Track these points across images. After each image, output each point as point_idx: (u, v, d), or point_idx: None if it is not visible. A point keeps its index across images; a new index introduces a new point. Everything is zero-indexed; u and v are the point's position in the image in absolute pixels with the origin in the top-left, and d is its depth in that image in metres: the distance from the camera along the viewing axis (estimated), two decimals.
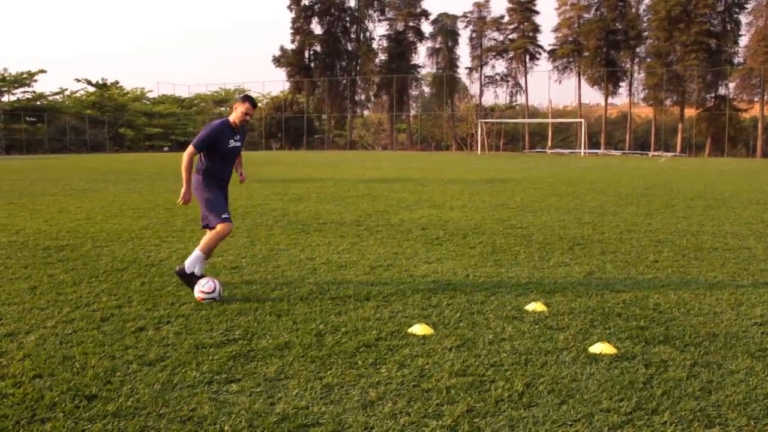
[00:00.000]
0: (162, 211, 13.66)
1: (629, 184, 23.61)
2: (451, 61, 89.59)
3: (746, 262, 8.89)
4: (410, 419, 3.94)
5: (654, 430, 3.86)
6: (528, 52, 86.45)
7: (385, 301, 6.59)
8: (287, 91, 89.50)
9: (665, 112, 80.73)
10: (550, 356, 5.05)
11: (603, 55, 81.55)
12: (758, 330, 5.83)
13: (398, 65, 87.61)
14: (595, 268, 8.36)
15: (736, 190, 21.50)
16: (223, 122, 7.02)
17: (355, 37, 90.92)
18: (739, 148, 78.53)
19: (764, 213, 14.69)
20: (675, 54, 77.64)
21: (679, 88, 77.76)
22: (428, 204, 15.54)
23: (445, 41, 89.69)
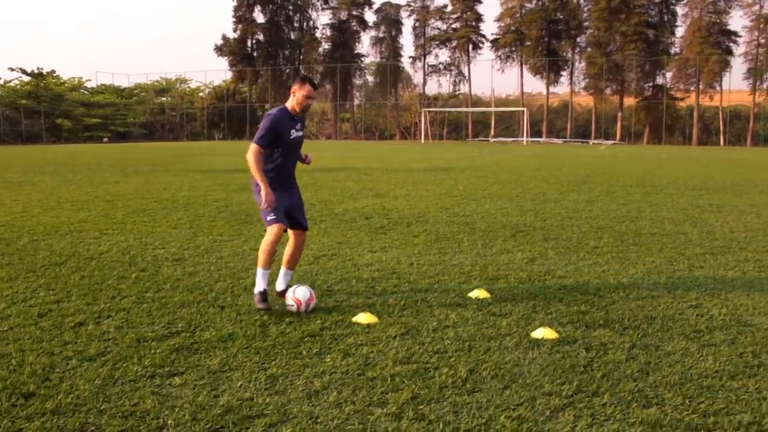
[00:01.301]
0: (102, 203, 13.40)
1: (570, 171, 23.99)
2: (394, 50, 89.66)
3: (682, 247, 9.12)
4: (355, 408, 3.95)
5: (594, 412, 3.94)
6: (471, 42, 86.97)
7: (330, 291, 6.59)
8: (230, 80, 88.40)
9: (605, 100, 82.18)
10: (493, 342, 5.12)
11: (544, 45, 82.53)
12: (693, 312, 5.99)
13: (342, 54, 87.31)
14: (537, 255, 8.48)
15: (673, 177, 22.02)
16: (281, 111, 6.11)
17: (298, 26, 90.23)
18: (676, 136, 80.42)
19: (699, 199, 15.08)
20: (615, 44, 79.01)
21: (619, 78, 79.21)
22: (372, 193, 15.56)
23: (388, 30, 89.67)
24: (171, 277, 7.07)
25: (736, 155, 43.60)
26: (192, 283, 6.87)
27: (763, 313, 6.01)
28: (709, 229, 10.68)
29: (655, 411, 3.96)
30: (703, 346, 5.11)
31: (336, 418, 3.81)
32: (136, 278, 7.03)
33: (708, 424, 3.80)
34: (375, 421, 3.78)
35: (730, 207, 13.67)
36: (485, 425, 3.75)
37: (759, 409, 4.01)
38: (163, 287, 6.66)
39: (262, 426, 3.71)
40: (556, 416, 3.88)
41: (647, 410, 3.97)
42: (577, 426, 3.76)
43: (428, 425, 3.74)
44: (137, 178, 19.66)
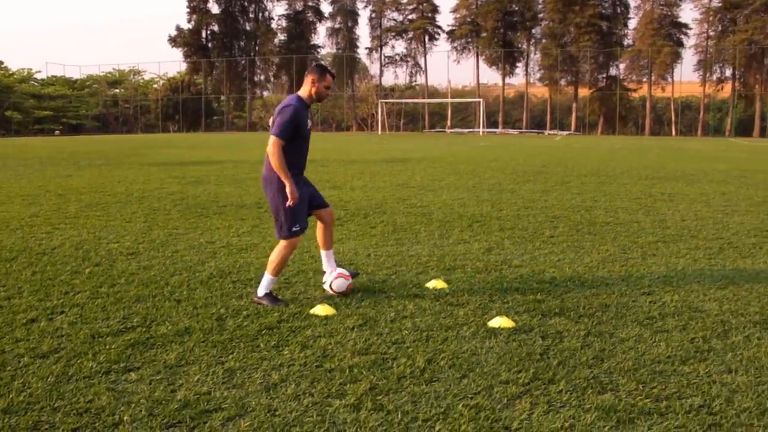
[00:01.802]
0: (54, 198, 13.15)
1: (526, 162, 24.20)
2: (350, 41, 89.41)
3: (636, 235, 9.28)
4: (313, 400, 3.95)
5: (550, 399, 3.99)
6: (427, 33, 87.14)
7: (287, 283, 6.56)
8: (184, 71, 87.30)
9: (560, 92, 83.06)
10: (450, 332, 5.15)
11: (500, 36, 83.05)
12: (646, 299, 6.10)
13: (298, 45, 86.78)
14: (494, 245, 8.55)
15: (626, 166, 22.36)
16: (298, 100, 5.84)
17: (253, 17, 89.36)
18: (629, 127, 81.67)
19: (652, 188, 15.34)
20: (569, 35, 79.87)
21: (573, 69, 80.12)
22: (329, 185, 15.52)
23: (344, 21, 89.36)
24: (126, 272, 6.98)
25: (687, 145, 44.42)
26: (147, 277, 6.79)
27: (713, 299, 6.15)
28: (661, 218, 10.87)
29: (610, 397, 4.03)
30: (655, 332, 5.21)
31: (294, 411, 3.81)
32: (89, 273, 6.92)
33: (660, 408, 3.88)
34: (333, 413, 3.79)
35: (681, 196, 13.93)
36: (443, 414, 3.78)
37: (709, 393, 4.10)
38: (118, 282, 6.57)
39: (220, 420, 3.69)
40: (513, 404, 3.93)
41: (602, 396, 4.04)
42: (533, 413, 3.81)
43: (387, 415, 3.76)
44: (90, 171, 19.34)
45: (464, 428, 3.62)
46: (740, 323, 5.45)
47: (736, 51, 73.74)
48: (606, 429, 3.63)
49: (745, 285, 6.65)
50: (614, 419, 3.74)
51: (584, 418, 3.75)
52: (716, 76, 78.46)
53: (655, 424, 3.69)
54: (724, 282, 6.78)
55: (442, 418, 3.73)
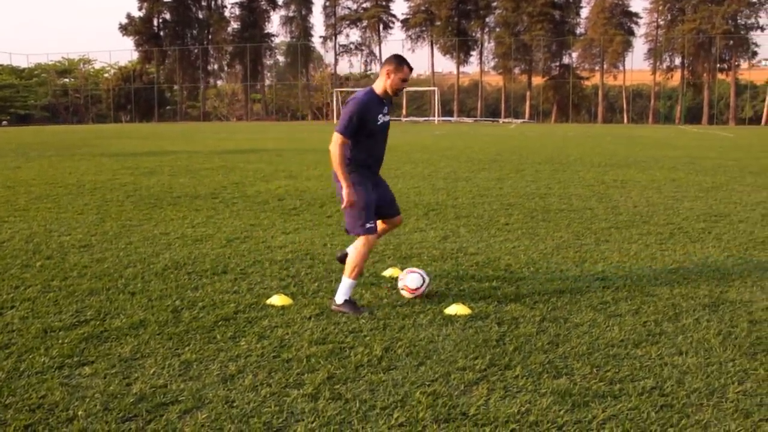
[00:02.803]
0: (2, 190, 12.86)
1: (481, 150, 24.36)
2: (305, 29, 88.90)
3: (589, 222, 9.41)
4: (271, 390, 3.93)
5: (507, 385, 4.04)
6: (382, 21, 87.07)
7: (243, 274, 6.52)
8: (136, 60, 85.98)
9: (514, 80, 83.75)
10: (407, 320, 5.17)
11: (454, 25, 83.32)
12: (600, 285, 6.20)
13: (251, 34, 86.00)
14: (450, 233, 8.60)
15: (579, 154, 22.65)
16: (368, 94, 5.51)
17: (206, 5, 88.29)
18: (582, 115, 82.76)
19: (605, 175, 15.57)
20: (522, 24, 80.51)
21: (527, 58, 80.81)
22: (285, 174, 15.44)
23: (298, 10, 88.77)
24: (78, 265, 6.86)
25: (638, 132, 45.14)
26: (100, 270, 6.68)
27: (664, 283, 6.27)
28: (614, 205, 11.04)
29: (565, 381, 4.09)
30: (609, 316, 5.30)
31: (252, 402, 3.79)
32: (41, 267, 6.79)
33: (614, 391, 3.95)
34: (291, 403, 3.78)
35: (633, 182, 14.16)
36: (401, 402, 3.80)
37: (661, 374, 4.19)
38: (70, 275, 6.46)
39: (176, 412, 3.66)
40: (470, 390, 3.97)
41: (557, 380, 4.10)
42: (490, 399, 3.85)
43: (345, 404, 3.77)
44: (40, 162, 18.95)
45: (422, 415, 3.65)
46: (690, 306, 5.57)
47: (684, 40, 75.07)
48: (561, 413, 3.69)
49: (694, 269, 6.80)
50: (569, 403, 3.80)
51: (540, 403, 3.80)
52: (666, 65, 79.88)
53: (609, 407, 3.76)
54: (675, 266, 6.92)
55: (400, 406, 3.75)
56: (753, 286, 6.20)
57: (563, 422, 3.59)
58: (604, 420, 3.62)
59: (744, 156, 22.29)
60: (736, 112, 76.76)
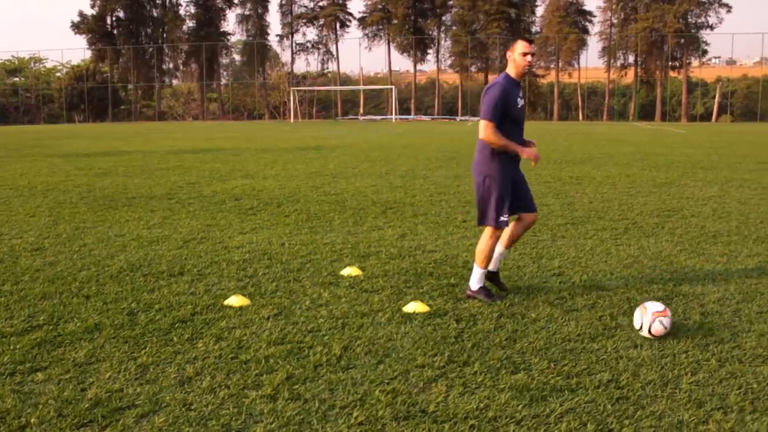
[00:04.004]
0: None
1: (438, 148, 24.46)
2: (261, 28, 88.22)
3: (545, 218, 9.50)
4: (230, 392, 3.90)
5: (466, 381, 4.06)
6: (338, 20, 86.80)
7: (200, 275, 6.46)
8: (89, 59, 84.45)
9: (471, 78, 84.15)
10: (366, 318, 5.17)
11: (411, 23, 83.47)
12: (557, 280, 6.27)
13: (207, 32, 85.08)
14: (408, 231, 8.62)
15: None
16: (505, 78, 5.50)
17: (160, 3, 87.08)
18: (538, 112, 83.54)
19: (560, 172, 15.74)
20: (479, 23, 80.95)
21: (483, 56, 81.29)
22: (241, 174, 15.33)
23: (254, 8, 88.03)
24: (30, 268, 6.72)
25: (593, 129, 45.74)
26: (53, 273, 6.56)
27: (619, 277, 6.36)
28: (570, 201, 11.17)
29: (523, 376, 4.12)
30: (566, 311, 5.36)
31: (210, 404, 3.76)
32: None
33: (571, 385, 4.00)
34: (250, 404, 3.75)
35: (588, 179, 14.34)
36: (360, 400, 3.80)
37: (617, 368, 4.25)
38: (22, 279, 6.33)
39: (133, 417, 3.61)
40: (429, 387, 3.98)
41: (515, 376, 4.13)
42: (449, 395, 3.86)
43: (304, 404, 3.75)
44: None
45: (381, 413, 3.65)
46: (645, 300, 5.65)
47: (637, 38, 76.20)
48: (519, 407, 3.72)
49: (648, 263, 6.91)
50: (527, 397, 3.84)
51: (498, 398, 3.83)
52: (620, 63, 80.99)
53: (566, 401, 3.80)
54: (630, 261, 7.03)
55: (359, 405, 3.75)
56: (705, 279, 6.33)
57: (521, 417, 3.62)
58: (562, 414, 3.66)
59: (695, 152, 22.72)
60: (688, 109, 78.16)
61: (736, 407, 3.75)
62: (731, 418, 3.63)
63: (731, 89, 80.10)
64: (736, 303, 5.61)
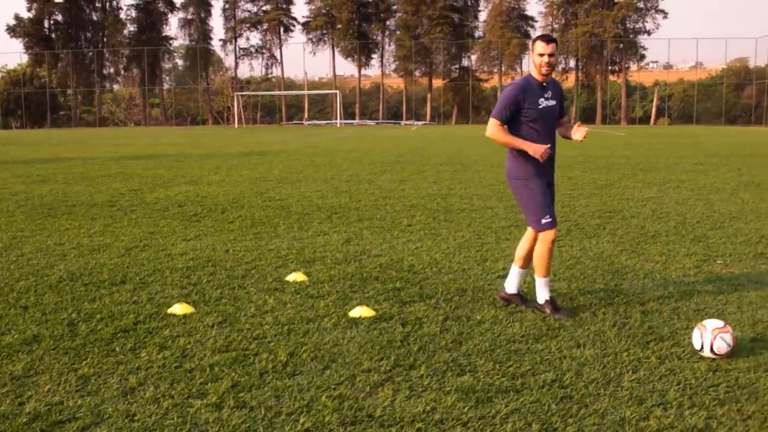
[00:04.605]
0: None
1: (383, 152, 24.52)
2: (204, 32, 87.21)
3: (490, 221, 9.60)
4: (174, 401, 3.85)
5: (412, 384, 4.07)
6: (282, 24, 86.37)
7: (143, 283, 6.35)
8: (26, 64, 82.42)
9: (415, 82, 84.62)
10: (312, 324, 5.15)
11: (355, 28, 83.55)
12: (501, 282, 6.31)
13: (149, 37, 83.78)
14: (353, 235, 8.62)
15: (480, 154, 23.08)
16: (526, 78, 5.42)
17: (100, 6, 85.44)
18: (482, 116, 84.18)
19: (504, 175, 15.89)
20: (422, 27, 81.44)
21: (427, 60, 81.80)
22: (185, 180, 15.14)
23: (197, 12, 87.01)
24: None
25: None
26: None
27: (563, 278, 6.46)
28: (513, 203, 11.27)
29: (469, 378, 4.16)
30: (510, 313, 5.42)
31: (154, 414, 3.70)
32: None
33: (516, 385, 4.04)
34: (195, 414, 3.71)
35: None
36: (307, 407, 3.78)
37: (561, 367, 4.31)
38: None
39: (74, 430, 3.54)
40: (376, 392, 3.98)
41: (461, 378, 4.16)
42: (396, 399, 3.87)
43: (250, 412, 3.72)
44: None
45: (328, 419, 3.64)
46: (587, 300, 5.76)
47: (578, 43, 77.54)
48: (466, 409, 3.75)
49: (590, 263, 7.03)
50: (473, 399, 3.86)
51: (445, 401, 3.85)
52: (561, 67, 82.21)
53: (511, 401, 3.84)
54: (572, 262, 7.14)
55: (306, 411, 3.73)
56: (645, 279, 6.47)
57: (468, 419, 3.65)
58: (507, 414, 3.70)
59: (635, 154, 23.22)
60: (627, 112, 79.80)
61: (675, 403, 3.84)
62: (671, 414, 3.71)
63: (668, 93, 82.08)
64: (675, 301, 5.75)
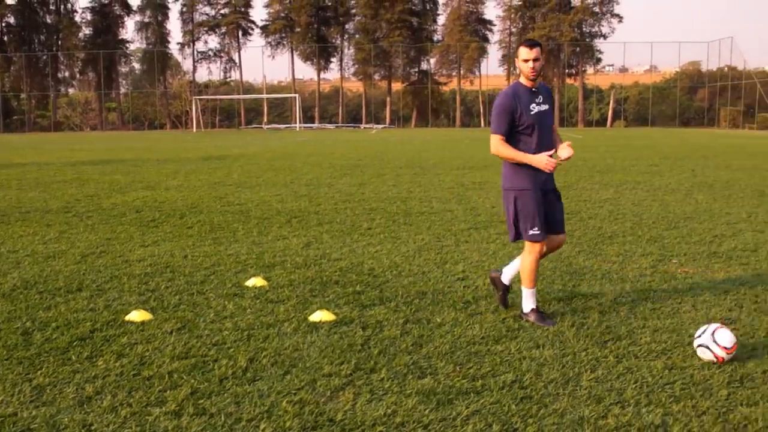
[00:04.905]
0: None
1: (343, 156, 24.51)
2: (161, 36, 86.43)
3: (449, 224, 9.65)
4: (132, 410, 3.79)
5: (373, 388, 4.07)
6: (241, 28, 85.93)
7: (99, 290, 6.26)
8: None
9: (374, 86, 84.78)
10: (272, 329, 5.12)
11: (314, 31, 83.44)
12: (461, 284, 6.36)
13: (105, 40, 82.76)
14: (313, 239, 8.59)
15: (439, 157, 23.18)
16: (513, 85, 5.27)
17: (54, 9, 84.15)
18: (441, 119, 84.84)
19: (463, 178, 16.02)
20: (381, 31, 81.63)
21: (386, 64, 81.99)
22: (142, 185, 14.97)
23: (154, 15, 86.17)
24: None
25: None
26: None
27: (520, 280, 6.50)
28: (472, 206, 11.37)
29: (429, 380, 4.17)
30: (470, 315, 5.45)
31: (112, 423, 3.64)
32: None
33: (477, 387, 4.06)
34: (154, 422, 3.66)
35: (490, 184, 14.64)
36: (267, 413, 3.76)
37: (520, 368, 4.35)
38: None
39: None
40: (337, 396, 3.97)
41: (422, 380, 4.17)
42: (357, 403, 3.86)
43: (209, 419, 3.68)
44: None
45: (289, 425, 3.62)
46: (546, 301, 5.82)
47: None
48: (427, 412, 3.75)
49: (549, 264, 7.10)
50: (434, 401, 3.87)
51: (406, 403, 3.85)
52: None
53: (472, 403, 3.86)
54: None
55: (266, 417, 3.71)
56: (602, 279, 6.55)
57: (429, 421, 3.66)
58: (468, 416, 3.71)
59: (592, 156, 23.52)
60: (585, 114, 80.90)
61: (633, 401, 3.89)
62: (628, 412, 3.76)
63: (624, 96, 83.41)
64: (632, 301, 5.83)
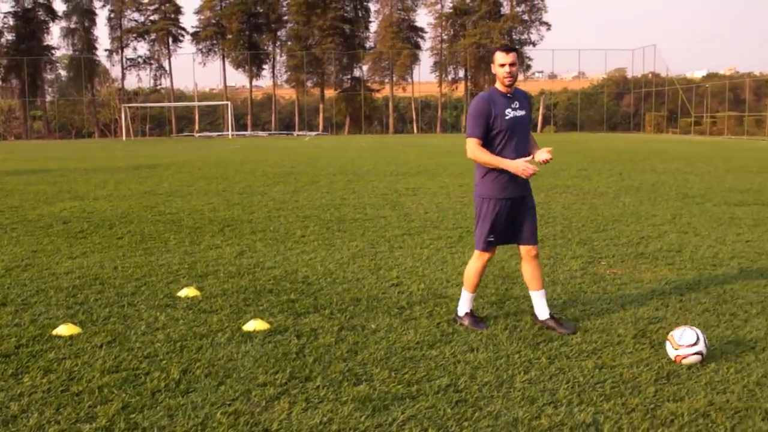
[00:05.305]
0: None
1: (276, 163, 24.36)
2: (88, 42, 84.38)
3: (383, 230, 9.68)
4: (60, 427, 3.69)
5: (308, 396, 4.05)
6: (171, 34, 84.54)
7: (25, 304, 6.07)
8: None
9: (307, 93, 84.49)
10: (205, 340, 5.05)
11: (246, 38, 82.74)
12: (395, 290, 6.39)
13: (29, 46, 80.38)
14: (246, 248, 8.51)
15: (373, 164, 23.25)
16: (490, 90, 5.25)
17: None
18: (374, 126, 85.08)
19: (397, 184, 16.09)
20: (314, 38, 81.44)
21: (319, 71, 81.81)
22: (70, 195, 14.59)
23: (81, 21, 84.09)
24: None
25: (427, 141, 47.10)
26: None
27: (455, 284, 6.57)
28: (406, 212, 11.43)
29: (365, 387, 4.17)
30: (405, 320, 5.48)
31: None
32: None
33: (412, 392, 4.08)
34: None
35: (424, 190, 14.74)
36: (201, 425, 3.70)
37: (455, 372, 4.39)
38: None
39: None
40: (272, 405, 3.94)
41: (357, 387, 4.17)
42: (292, 412, 3.84)
43: None
44: None
45: None
46: (479, 305, 5.88)
47: (467, 53, 79.34)
48: (363, 418, 3.75)
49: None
50: (370, 408, 3.88)
51: (342, 411, 3.85)
52: (451, 77, 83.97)
53: (408, 408, 3.87)
54: (464, 268, 7.25)
55: (200, 429, 3.65)
56: None
57: (365, 428, 3.66)
58: (404, 421, 3.73)
59: None
60: None
61: (565, 401, 3.97)
62: (561, 411, 3.83)
63: (554, 101, 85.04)
64: (563, 303, 5.94)
